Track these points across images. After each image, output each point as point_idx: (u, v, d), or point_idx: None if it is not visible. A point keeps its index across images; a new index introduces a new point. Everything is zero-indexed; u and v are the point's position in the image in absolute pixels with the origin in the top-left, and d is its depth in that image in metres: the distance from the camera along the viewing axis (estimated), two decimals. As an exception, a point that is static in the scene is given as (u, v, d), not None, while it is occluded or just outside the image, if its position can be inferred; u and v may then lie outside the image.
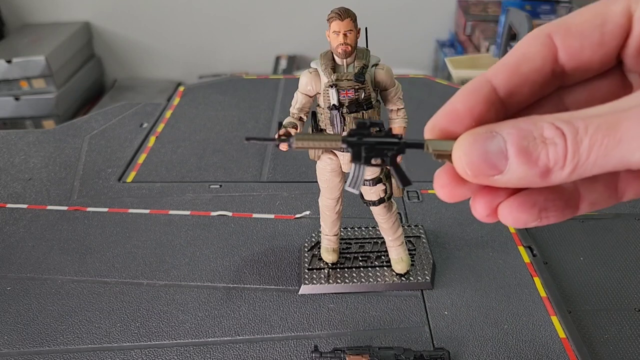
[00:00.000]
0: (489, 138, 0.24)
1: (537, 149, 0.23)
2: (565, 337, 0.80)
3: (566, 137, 0.22)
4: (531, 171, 0.23)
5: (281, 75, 2.19)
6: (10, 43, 2.30)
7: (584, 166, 0.23)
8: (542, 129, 0.23)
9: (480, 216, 0.27)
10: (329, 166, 0.78)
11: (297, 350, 0.78)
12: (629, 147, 0.21)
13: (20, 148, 1.34)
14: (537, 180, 0.23)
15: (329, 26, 0.68)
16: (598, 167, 0.22)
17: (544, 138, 0.23)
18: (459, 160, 0.25)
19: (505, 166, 0.23)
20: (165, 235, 1.01)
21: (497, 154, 0.23)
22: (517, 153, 0.23)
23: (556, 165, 0.23)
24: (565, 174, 0.23)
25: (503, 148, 0.23)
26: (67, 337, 0.81)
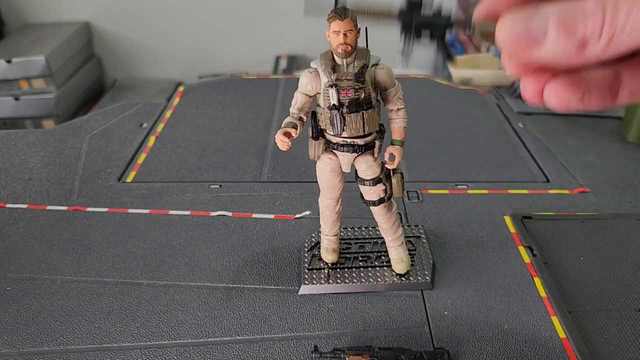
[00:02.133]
0: (533, 15, 0.25)
1: (576, 21, 0.24)
2: (566, 337, 0.79)
3: (606, 8, 0.23)
4: (569, 42, 0.24)
5: (281, 75, 2.19)
6: (10, 43, 2.30)
7: (620, 37, 0.23)
8: (585, 4, 0.24)
9: (528, 95, 0.28)
10: (329, 166, 0.78)
11: (297, 350, 0.78)
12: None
13: (20, 148, 1.33)
14: (574, 54, 0.24)
15: (329, 26, 0.68)
16: (635, 36, 0.23)
17: (585, 12, 0.24)
18: (501, 34, 0.26)
19: (544, 39, 0.24)
20: (165, 235, 1.01)
21: (539, 28, 0.24)
22: (556, 26, 0.24)
23: (593, 35, 0.23)
24: (602, 46, 0.23)
25: (544, 23, 0.24)
26: (67, 337, 0.81)
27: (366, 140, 0.75)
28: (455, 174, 1.20)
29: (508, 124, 1.44)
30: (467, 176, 1.19)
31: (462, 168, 1.22)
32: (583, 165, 1.24)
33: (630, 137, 1.35)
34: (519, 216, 1.04)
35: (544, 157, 1.27)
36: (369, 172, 0.77)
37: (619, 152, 1.30)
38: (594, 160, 1.26)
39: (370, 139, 0.75)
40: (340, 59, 0.70)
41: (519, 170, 1.22)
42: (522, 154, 1.30)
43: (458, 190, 1.14)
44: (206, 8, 2.49)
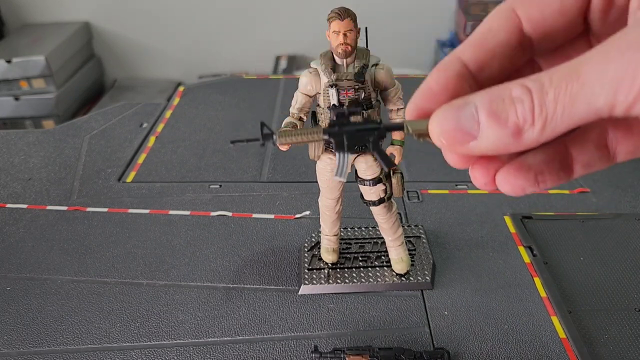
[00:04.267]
0: (461, 106, 0.24)
1: (505, 109, 0.23)
2: (566, 337, 0.79)
3: (532, 93, 0.23)
4: (503, 132, 0.23)
5: (281, 75, 2.19)
6: (10, 43, 2.30)
7: (554, 119, 0.22)
8: (511, 90, 0.23)
9: (479, 184, 0.27)
10: (329, 166, 0.78)
11: (297, 350, 0.78)
12: (592, 89, 0.21)
13: (20, 148, 1.33)
14: (510, 142, 0.23)
15: (329, 26, 0.68)
16: (568, 117, 0.22)
17: (512, 98, 0.23)
18: (434, 132, 0.25)
19: (478, 131, 0.24)
20: (165, 236, 1.01)
21: (470, 120, 0.24)
22: (487, 116, 0.23)
23: (526, 122, 0.23)
24: (537, 131, 0.23)
25: (474, 114, 0.24)
26: (67, 337, 0.81)
27: (366, 140, 0.75)
28: (455, 174, 1.20)
29: (508, 124, 1.44)
30: (467, 176, 1.18)
31: (462, 168, 1.22)
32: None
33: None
34: (519, 216, 1.04)
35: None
36: (369, 172, 0.77)
37: (619, 152, 1.30)
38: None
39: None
40: (340, 59, 0.70)
41: (519, 170, 1.22)
42: (522, 154, 1.30)
43: (458, 190, 1.14)
44: (206, 8, 2.49)
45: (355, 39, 0.69)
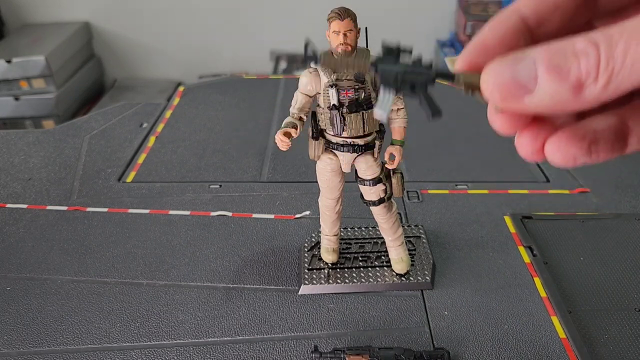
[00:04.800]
0: (519, 59, 0.23)
1: (568, 63, 0.21)
2: (566, 337, 0.79)
3: (599, 46, 0.21)
4: (562, 86, 0.22)
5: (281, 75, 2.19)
6: (10, 43, 2.30)
7: (621, 74, 0.21)
8: (575, 43, 0.22)
9: (526, 153, 0.25)
10: (329, 166, 0.78)
11: (297, 350, 0.78)
12: None
13: (20, 148, 1.33)
14: (570, 98, 0.22)
15: (329, 26, 0.68)
16: (637, 73, 0.21)
17: (576, 51, 0.21)
18: (487, 83, 0.24)
19: (535, 85, 0.22)
20: (165, 236, 1.01)
21: (527, 73, 0.22)
22: (547, 69, 0.22)
23: (589, 76, 0.21)
24: (600, 86, 0.21)
25: (533, 67, 0.22)
26: (67, 337, 0.81)
27: (366, 140, 0.75)
28: (455, 174, 1.20)
29: (508, 124, 1.44)
30: (467, 176, 1.19)
31: (462, 168, 1.22)
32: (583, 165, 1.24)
33: (631, 137, 1.35)
34: (519, 216, 1.04)
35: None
36: (369, 172, 0.77)
37: (619, 152, 1.30)
38: (594, 160, 1.26)
39: (370, 139, 0.75)
40: (340, 59, 0.70)
41: (519, 170, 1.22)
42: (522, 154, 1.30)
43: (458, 190, 1.14)
44: (206, 8, 2.49)
45: (356, 39, 0.69)
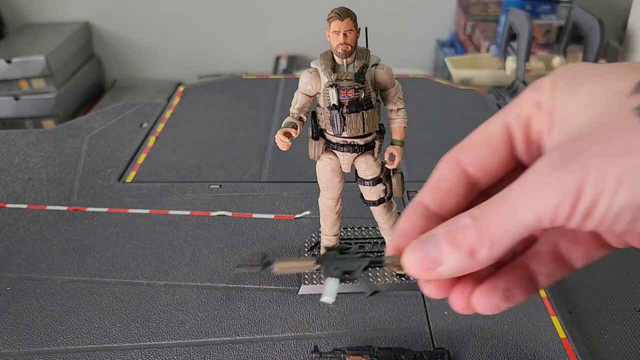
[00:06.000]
0: (426, 239, 0.30)
1: (459, 236, 0.28)
2: (566, 337, 0.79)
3: (477, 219, 0.28)
4: (461, 255, 0.28)
5: (281, 75, 2.19)
6: (10, 43, 2.30)
7: (498, 238, 0.27)
8: (461, 219, 0.29)
9: (459, 308, 0.32)
10: (329, 166, 0.78)
11: (297, 350, 0.78)
12: (520, 210, 0.26)
13: (19, 148, 1.34)
14: (469, 262, 0.28)
15: (329, 26, 0.68)
16: (508, 235, 0.27)
17: (463, 226, 0.28)
18: (406, 263, 0.30)
19: (442, 258, 0.29)
20: (165, 236, 1.01)
21: (434, 250, 0.29)
22: (446, 243, 0.29)
23: (477, 244, 0.28)
24: (487, 249, 0.28)
25: (437, 244, 0.29)
26: (67, 337, 0.81)
27: (366, 140, 0.75)
28: (455, 174, 1.20)
29: (508, 124, 1.44)
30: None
31: (462, 168, 1.22)
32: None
33: (630, 137, 1.35)
34: (519, 216, 1.04)
35: (544, 157, 1.27)
36: (369, 172, 0.77)
37: (619, 152, 1.30)
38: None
39: (370, 139, 0.75)
40: (340, 59, 0.70)
41: (519, 170, 1.22)
42: (522, 154, 1.30)
43: (458, 190, 1.14)
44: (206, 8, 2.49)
45: (355, 39, 0.69)
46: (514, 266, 0.31)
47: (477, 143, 0.32)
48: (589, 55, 1.47)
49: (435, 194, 0.32)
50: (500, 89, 1.64)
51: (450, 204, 0.32)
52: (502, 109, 0.32)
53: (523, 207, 0.26)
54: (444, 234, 0.29)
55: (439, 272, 0.29)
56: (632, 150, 0.24)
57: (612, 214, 0.24)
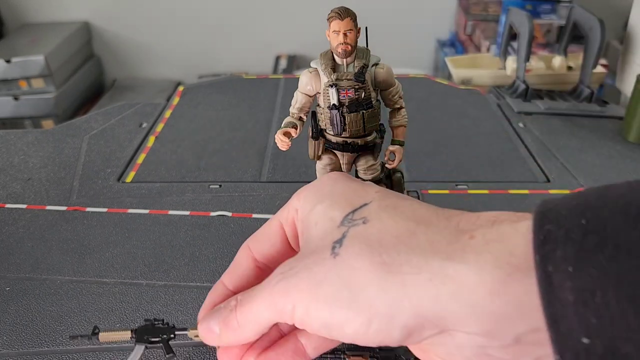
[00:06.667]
0: (210, 314, 0.38)
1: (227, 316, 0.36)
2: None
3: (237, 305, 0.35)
4: (230, 331, 0.36)
5: (281, 75, 2.19)
6: (9, 43, 2.30)
7: (251, 324, 0.34)
8: (230, 302, 0.37)
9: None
10: (329, 166, 0.78)
11: (297, 350, 0.78)
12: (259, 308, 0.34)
13: (19, 148, 1.33)
14: (238, 338, 0.36)
15: (329, 26, 0.68)
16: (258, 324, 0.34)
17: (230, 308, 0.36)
18: (199, 332, 0.39)
19: (218, 331, 0.37)
20: (164, 236, 1.01)
21: (214, 323, 0.37)
22: (218, 321, 0.37)
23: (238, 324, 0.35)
24: (249, 330, 0.35)
25: (215, 319, 0.37)
26: (67, 338, 0.80)
27: (366, 140, 0.75)
28: (455, 174, 1.20)
29: (508, 123, 1.44)
30: (468, 176, 1.19)
31: (462, 168, 1.22)
32: (584, 165, 1.24)
33: (631, 137, 1.35)
34: (519, 216, 1.04)
35: (545, 157, 1.27)
36: (369, 172, 0.77)
37: (619, 152, 1.30)
38: (595, 160, 1.26)
39: (370, 139, 0.75)
40: (340, 58, 0.70)
41: (519, 170, 1.22)
42: (522, 153, 1.29)
43: (458, 190, 1.14)
44: (206, 8, 2.49)
45: (356, 38, 0.69)
46: (287, 339, 0.38)
47: (261, 236, 0.41)
48: (590, 54, 1.47)
49: (232, 276, 0.41)
50: (501, 88, 1.64)
51: (243, 284, 0.40)
52: (279, 210, 0.41)
53: (258, 306, 0.34)
54: (218, 311, 0.37)
55: (219, 341, 0.37)
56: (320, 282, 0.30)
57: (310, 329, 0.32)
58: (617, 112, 1.48)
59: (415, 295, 0.28)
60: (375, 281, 0.29)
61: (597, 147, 1.32)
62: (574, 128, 1.42)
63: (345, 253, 0.31)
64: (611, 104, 1.54)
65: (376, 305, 0.29)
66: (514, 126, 1.42)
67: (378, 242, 0.30)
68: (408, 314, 0.29)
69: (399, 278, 0.29)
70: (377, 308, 0.29)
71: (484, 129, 1.41)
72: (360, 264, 0.30)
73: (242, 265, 0.41)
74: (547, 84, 1.65)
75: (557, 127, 1.42)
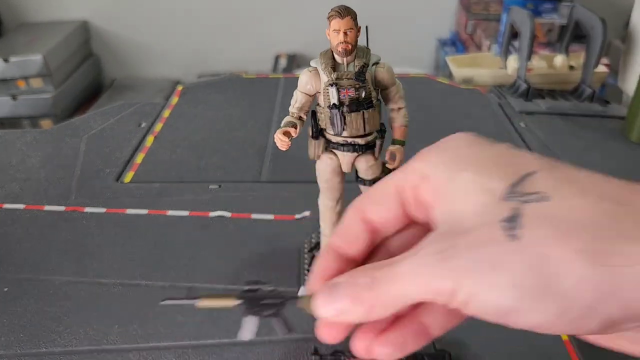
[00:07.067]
0: (331, 286, 0.33)
1: (357, 292, 0.32)
2: (568, 339, 0.79)
3: (372, 282, 0.31)
4: (360, 307, 0.31)
5: (281, 74, 2.18)
6: (8, 42, 2.30)
7: (389, 303, 0.31)
8: (359, 278, 0.32)
9: (360, 355, 0.35)
10: (329, 166, 0.77)
11: (297, 352, 0.77)
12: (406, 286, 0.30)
13: (17, 148, 1.33)
14: (367, 316, 0.32)
15: (329, 24, 0.67)
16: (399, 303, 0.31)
17: (361, 285, 0.32)
18: (315, 306, 0.34)
19: (342, 307, 0.32)
20: (163, 236, 1.00)
21: (338, 297, 0.33)
22: (346, 296, 0.32)
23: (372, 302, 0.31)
24: (380, 310, 0.31)
25: (341, 293, 0.32)
26: (65, 339, 0.80)
27: (367, 140, 0.74)
28: (456, 174, 1.19)
29: (509, 123, 1.44)
30: (468, 176, 1.18)
31: (463, 168, 1.21)
32: (585, 165, 1.22)
33: (633, 137, 1.35)
34: (520, 216, 1.03)
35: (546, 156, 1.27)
36: (369, 172, 0.76)
37: (621, 152, 1.30)
38: (597, 160, 1.26)
39: (370, 139, 0.74)
40: (340, 57, 0.69)
41: (520, 169, 1.22)
42: (523, 153, 1.29)
43: (459, 190, 1.13)
44: (205, 7, 2.48)
45: (356, 37, 0.68)
46: (409, 319, 0.34)
47: (375, 197, 0.36)
48: (591, 54, 1.46)
49: (343, 240, 0.36)
50: (502, 88, 1.63)
51: (357, 247, 0.36)
52: (395, 171, 0.36)
53: (408, 285, 0.30)
54: (345, 286, 0.33)
55: (340, 319, 0.33)
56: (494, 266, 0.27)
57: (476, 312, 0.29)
58: (619, 112, 1.47)
59: (627, 289, 0.25)
60: (576, 272, 0.26)
61: (599, 146, 1.32)
62: (576, 128, 1.41)
63: (528, 237, 0.27)
64: (613, 103, 1.53)
65: (575, 297, 0.26)
66: (515, 126, 1.42)
67: (572, 226, 0.27)
68: (614, 307, 0.26)
69: (607, 270, 0.25)
70: (575, 299, 0.26)
71: (485, 129, 1.41)
72: (553, 252, 0.26)
73: (352, 229, 0.36)
74: (549, 83, 1.64)
75: (559, 127, 1.41)
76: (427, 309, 0.34)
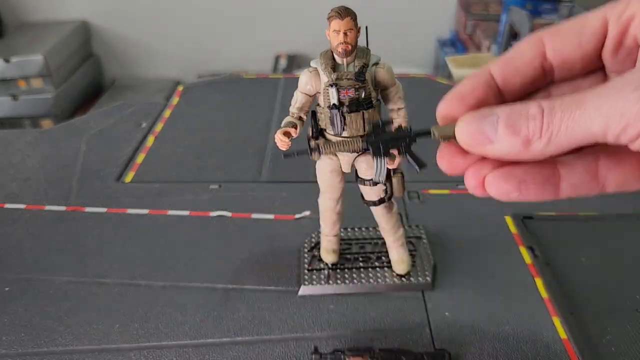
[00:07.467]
0: (486, 115, 0.30)
1: (520, 123, 0.28)
2: (567, 338, 0.79)
3: (544, 112, 0.28)
4: (515, 140, 0.28)
5: (281, 74, 2.18)
6: (8, 42, 2.30)
7: (558, 136, 0.27)
8: (529, 108, 0.28)
9: (471, 186, 0.33)
10: (329, 166, 0.78)
11: (296, 351, 0.78)
12: (591, 117, 0.26)
13: (18, 148, 1.33)
14: (520, 149, 0.29)
15: (329, 25, 0.67)
16: (570, 137, 0.27)
17: (528, 115, 0.28)
18: (461, 132, 0.31)
19: (495, 137, 0.29)
20: (163, 236, 1.01)
21: (491, 127, 0.29)
22: (504, 126, 0.29)
23: (534, 135, 0.28)
24: (543, 144, 0.28)
25: (495, 123, 0.29)
26: (66, 338, 0.80)
27: (367, 140, 0.74)
28: (455, 174, 1.19)
29: (509, 123, 1.44)
30: (468, 176, 1.18)
31: (462, 168, 1.22)
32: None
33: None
34: (520, 216, 1.04)
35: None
36: (369, 172, 0.76)
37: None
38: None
39: (370, 139, 0.75)
40: (340, 58, 0.70)
41: (519, 170, 1.22)
42: (522, 153, 1.29)
43: (459, 190, 1.13)
44: (205, 7, 2.49)
45: (356, 38, 0.68)
46: (543, 163, 0.30)
47: (567, 30, 0.31)
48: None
49: (506, 67, 0.32)
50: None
51: (515, 82, 0.32)
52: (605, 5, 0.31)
53: (594, 115, 0.26)
54: (505, 115, 0.29)
55: (487, 150, 0.30)
56: None
57: None
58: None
59: None
60: None
61: (598, 146, 1.32)
62: (575, 128, 1.41)
63: None
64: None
65: None
66: (515, 126, 1.42)
67: None
68: None
69: None
70: None
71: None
72: None
73: (523, 58, 0.31)
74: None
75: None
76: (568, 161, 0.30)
